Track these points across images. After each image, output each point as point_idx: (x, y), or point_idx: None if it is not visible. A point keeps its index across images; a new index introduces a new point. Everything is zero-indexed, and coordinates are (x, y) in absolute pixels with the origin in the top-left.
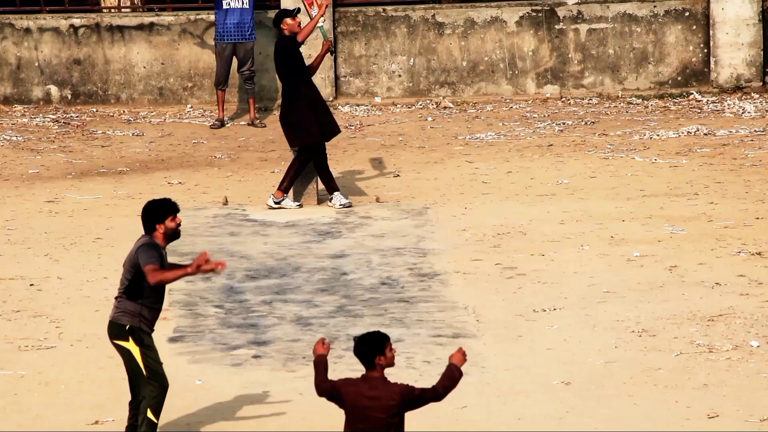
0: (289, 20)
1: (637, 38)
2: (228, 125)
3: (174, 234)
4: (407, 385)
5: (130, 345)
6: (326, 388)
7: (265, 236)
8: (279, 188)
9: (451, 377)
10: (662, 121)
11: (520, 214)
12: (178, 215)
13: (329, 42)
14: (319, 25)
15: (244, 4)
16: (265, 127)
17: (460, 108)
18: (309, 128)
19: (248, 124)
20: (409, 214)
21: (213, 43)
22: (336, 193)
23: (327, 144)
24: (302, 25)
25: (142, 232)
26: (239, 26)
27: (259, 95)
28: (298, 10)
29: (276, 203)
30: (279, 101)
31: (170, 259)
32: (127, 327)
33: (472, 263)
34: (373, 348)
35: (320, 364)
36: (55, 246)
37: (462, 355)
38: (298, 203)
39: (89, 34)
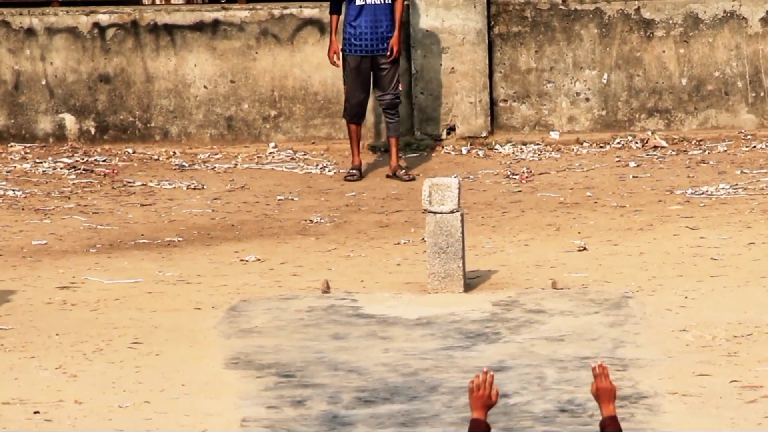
0: None
1: None
2: (330, 173)
3: None
4: None
5: None
6: None
7: (386, 339)
8: None
9: None
10: None
11: None
12: None
13: None
14: None
15: (385, 0)
16: (414, 180)
17: (678, 147)
18: None
19: (389, 176)
20: (602, 307)
21: (305, 49)
22: None
23: (477, 203)
24: None
25: (199, 331)
26: (377, 30)
27: None
28: None
29: None
30: (420, 140)
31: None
32: None
33: (697, 380)
34: None
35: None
36: (72, 354)
37: (609, 387)
38: None
39: (122, 38)
